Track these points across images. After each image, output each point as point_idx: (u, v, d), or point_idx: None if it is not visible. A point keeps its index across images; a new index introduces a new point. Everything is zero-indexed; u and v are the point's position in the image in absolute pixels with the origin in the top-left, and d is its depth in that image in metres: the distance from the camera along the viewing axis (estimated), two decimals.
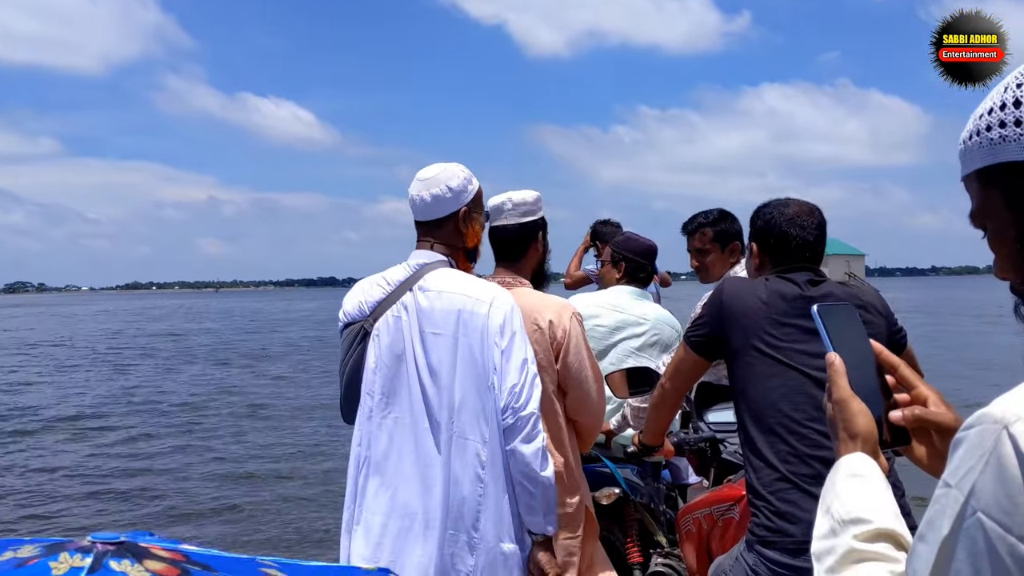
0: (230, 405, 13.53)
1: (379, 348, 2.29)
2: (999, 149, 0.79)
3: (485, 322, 2.19)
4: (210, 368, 19.78)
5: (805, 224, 2.41)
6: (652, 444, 2.82)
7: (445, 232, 2.37)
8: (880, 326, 2.33)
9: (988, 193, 0.83)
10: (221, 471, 8.87)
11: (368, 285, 2.39)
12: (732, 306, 2.31)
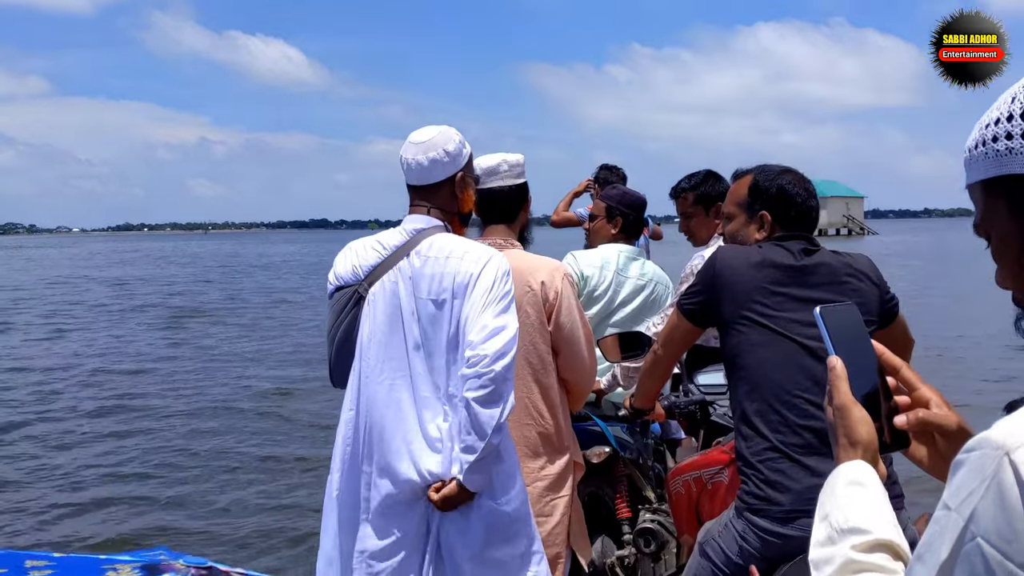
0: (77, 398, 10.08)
1: (375, 313, 2.30)
2: (1005, 161, 0.81)
3: (475, 281, 2.21)
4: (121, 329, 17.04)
5: (814, 192, 2.47)
6: (643, 407, 2.89)
7: (441, 197, 2.37)
8: (872, 295, 2.36)
9: (993, 204, 0.84)
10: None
11: (362, 248, 2.38)
12: (724, 275, 2.33)
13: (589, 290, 3.47)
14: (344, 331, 2.34)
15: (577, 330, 2.71)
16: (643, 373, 2.76)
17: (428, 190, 2.37)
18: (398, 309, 2.28)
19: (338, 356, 2.38)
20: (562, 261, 3.40)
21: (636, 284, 3.56)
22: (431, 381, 2.25)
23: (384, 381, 2.27)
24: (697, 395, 3.30)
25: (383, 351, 2.28)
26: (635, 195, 3.76)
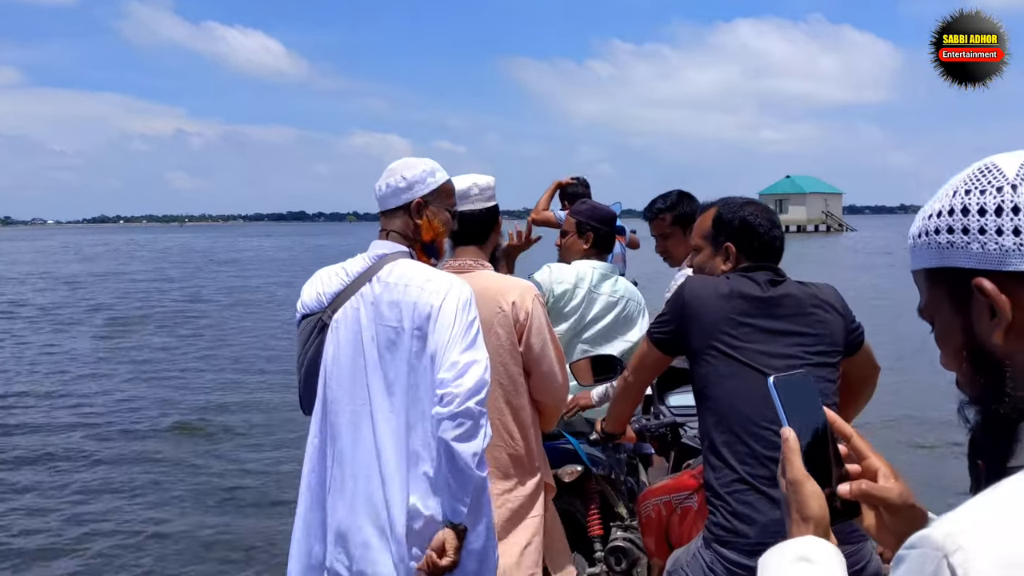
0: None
1: (337, 340, 2.32)
2: (947, 254, 0.85)
3: (437, 314, 2.21)
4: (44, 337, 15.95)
5: (777, 223, 2.54)
6: (615, 431, 2.92)
7: (399, 222, 2.39)
8: (838, 325, 2.41)
9: (937, 293, 0.88)
10: None
11: (327, 275, 2.41)
12: (693, 305, 2.38)
13: (560, 306, 3.48)
14: (310, 359, 2.37)
15: (548, 350, 2.74)
16: (614, 399, 2.81)
17: (387, 215, 2.41)
18: (359, 335, 2.30)
19: (306, 384, 2.41)
20: (538, 272, 3.51)
21: (608, 301, 3.56)
22: (390, 407, 2.26)
23: (346, 408, 2.30)
24: (668, 417, 3.34)
25: (345, 378, 2.31)
26: (605, 209, 3.76)
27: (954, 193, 0.86)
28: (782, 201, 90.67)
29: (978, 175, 0.85)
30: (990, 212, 0.82)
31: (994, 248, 0.82)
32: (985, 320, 0.83)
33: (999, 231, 0.81)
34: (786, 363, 2.26)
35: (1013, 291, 0.81)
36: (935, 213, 0.87)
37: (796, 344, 2.34)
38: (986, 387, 0.85)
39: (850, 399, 2.65)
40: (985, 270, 0.82)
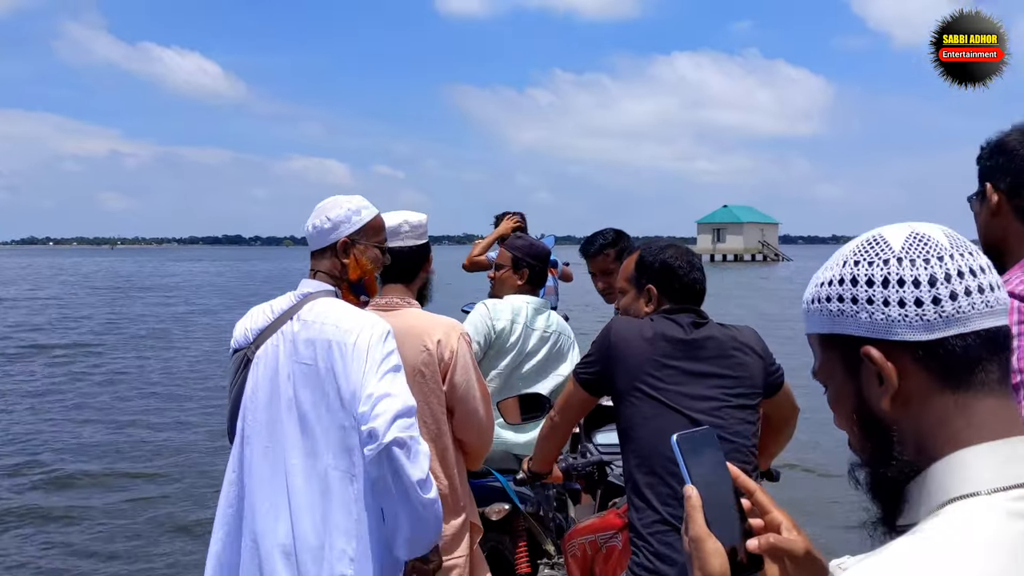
0: None
1: (256, 377, 2.36)
2: (838, 321, 0.89)
3: (350, 352, 2.22)
4: None
5: (697, 266, 2.60)
6: (541, 471, 2.92)
7: (325, 262, 2.42)
8: (757, 367, 2.48)
9: (829, 357, 0.92)
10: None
11: (257, 312, 2.46)
12: (619, 347, 2.44)
13: (500, 341, 3.51)
14: (236, 394, 2.41)
15: (473, 390, 2.74)
16: (540, 439, 2.83)
17: (316, 255, 2.44)
18: (277, 372, 2.33)
19: (231, 416, 2.44)
20: (475, 311, 3.55)
21: (542, 335, 3.61)
22: (304, 445, 2.27)
23: (260, 444, 2.33)
24: (595, 455, 3.37)
25: (262, 413, 2.34)
26: (540, 246, 3.81)
27: (844, 263, 0.89)
28: (720, 230, 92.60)
29: (867, 246, 0.89)
30: (877, 283, 0.86)
31: (881, 318, 0.85)
32: (874, 387, 0.87)
33: (886, 302, 0.85)
34: (707, 405, 2.37)
35: (899, 359, 0.85)
36: (827, 281, 0.91)
37: (717, 386, 2.40)
38: (875, 451, 0.88)
39: (770, 439, 2.74)
40: (873, 338, 0.86)
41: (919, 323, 0.84)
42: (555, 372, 3.59)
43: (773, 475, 3.05)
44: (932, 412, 0.84)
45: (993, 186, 1.75)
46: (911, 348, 0.84)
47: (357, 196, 2.48)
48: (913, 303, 0.84)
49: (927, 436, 0.84)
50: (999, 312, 0.85)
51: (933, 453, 0.84)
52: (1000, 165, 1.74)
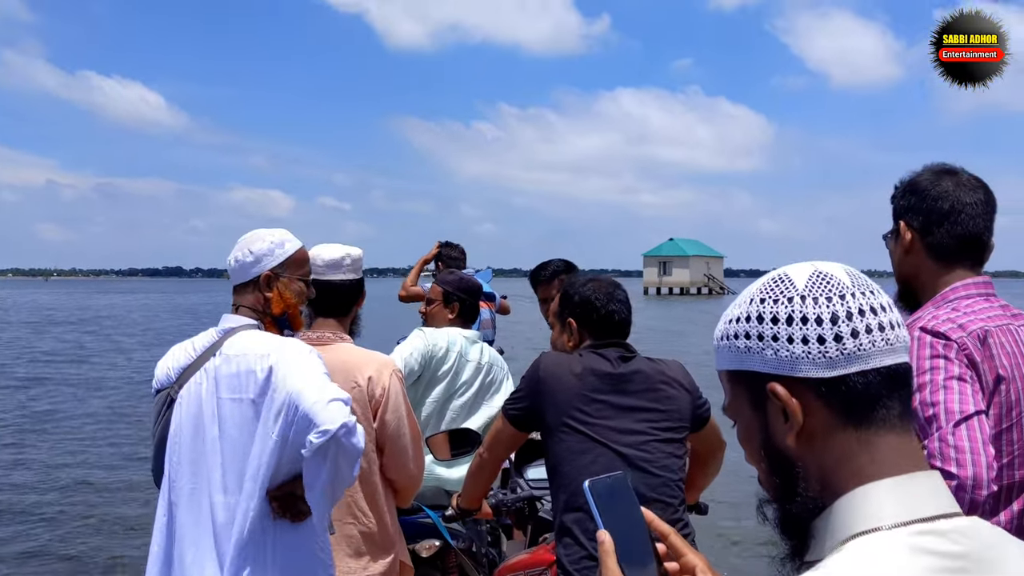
0: None
1: (180, 416, 2.32)
2: (744, 357, 0.90)
3: (269, 376, 2.20)
4: None
5: (618, 298, 2.63)
6: (470, 508, 2.91)
7: (247, 296, 2.40)
8: (685, 401, 2.52)
9: (737, 392, 0.94)
10: None
11: (178, 351, 2.42)
12: (548, 382, 2.46)
13: (434, 368, 3.55)
14: (160, 435, 2.38)
15: (403, 427, 2.71)
16: (468, 475, 2.83)
17: (237, 289, 2.42)
18: (200, 410, 2.30)
19: (156, 459, 2.41)
20: (412, 336, 3.59)
21: (476, 366, 3.65)
22: (228, 484, 2.24)
23: (186, 485, 2.29)
24: (525, 491, 3.38)
25: (186, 454, 2.31)
26: (471, 281, 3.90)
27: (751, 300, 0.91)
28: (665, 263, 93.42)
29: (772, 285, 0.90)
30: (782, 321, 0.87)
31: (786, 355, 0.86)
32: (779, 423, 0.88)
33: (790, 339, 0.86)
34: (634, 439, 2.40)
35: (803, 396, 0.86)
36: (735, 318, 0.92)
37: (644, 420, 2.43)
38: (781, 487, 0.89)
39: (698, 473, 2.78)
40: (778, 375, 0.87)
41: (822, 360, 0.85)
42: (487, 404, 3.63)
43: (701, 508, 3.07)
44: (835, 448, 0.86)
45: (906, 224, 1.83)
46: (814, 385, 0.86)
47: (280, 229, 2.46)
48: (816, 340, 0.85)
49: (831, 472, 0.86)
50: (899, 350, 0.87)
51: (837, 489, 0.85)
52: (912, 205, 1.82)
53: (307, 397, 2.11)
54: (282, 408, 2.15)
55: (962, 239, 1.79)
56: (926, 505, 0.82)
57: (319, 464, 2.08)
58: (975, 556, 0.79)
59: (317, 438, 2.05)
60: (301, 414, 2.11)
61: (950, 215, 1.79)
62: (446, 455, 3.18)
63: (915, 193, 1.83)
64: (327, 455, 2.06)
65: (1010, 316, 1.80)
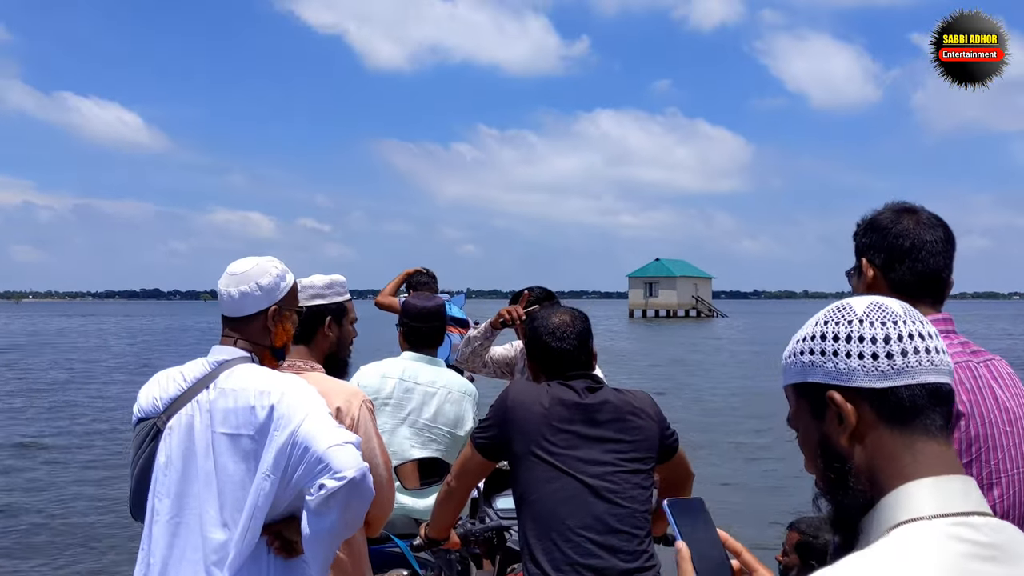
0: None
1: (169, 448, 2.30)
2: (808, 371, 1.06)
3: (271, 414, 2.19)
4: None
5: (565, 335, 2.67)
6: (438, 538, 2.92)
7: (251, 329, 2.39)
8: (652, 431, 2.56)
9: (800, 404, 1.09)
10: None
11: (165, 379, 2.39)
12: (516, 411, 2.51)
13: (376, 400, 3.54)
14: (142, 466, 2.35)
15: (375, 458, 2.66)
16: (437, 504, 2.86)
17: (239, 322, 2.40)
18: (192, 443, 2.28)
19: (136, 490, 2.38)
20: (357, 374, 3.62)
21: (426, 391, 3.63)
22: (218, 519, 2.22)
23: (172, 520, 2.27)
24: (494, 520, 3.43)
25: (174, 487, 2.28)
26: (415, 305, 3.88)
27: (816, 323, 1.08)
28: (652, 284, 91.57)
29: (835, 311, 1.07)
30: (841, 339, 1.04)
31: (843, 367, 1.03)
32: (835, 426, 1.03)
33: (848, 355, 1.03)
34: (601, 469, 2.44)
35: (857, 403, 1.02)
36: (801, 339, 1.09)
37: (611, 451, 2.47)
38: (834, 481, 1.04)
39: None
40: (836, 385, 1.03)
41: (874, 373, 1.01)
42: (449, 430, 3.61)
43: (669, 539, 3.03)
44: (883, 449, 1.01)
45: (868, 261, 1.90)
46: (867, 394, 1.01)
47: (273, 259, 2.46)
48: (870, 356, 1.01)
49: (878, 470, 1.00)
50: (943, 372, 1.02)
51: (883, 486, 0.99)
52: (874, 242, 1.90)
53: (320, 440, 2.12)
54: (286, 448, 2.15)
55: (922, 276, 1.86)
56: (962, 502, 0.95)
57: (328, 509, 2.08)
58: (1004, 547, 0.91)
59: (333, 482, 2.06)
60: (313, 456, 2.11)
61: (911, 252, 1.85)
62: (415, 484, 3.21)
63: (876, 231, 1.90)
64: (339, 500, 2.07)
65: (969, 353, 1.85)
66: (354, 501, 2.11)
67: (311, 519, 2.11)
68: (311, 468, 2.11)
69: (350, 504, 2.10)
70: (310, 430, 2.14)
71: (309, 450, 2.12)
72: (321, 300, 2.79)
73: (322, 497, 2.07)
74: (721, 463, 11.47)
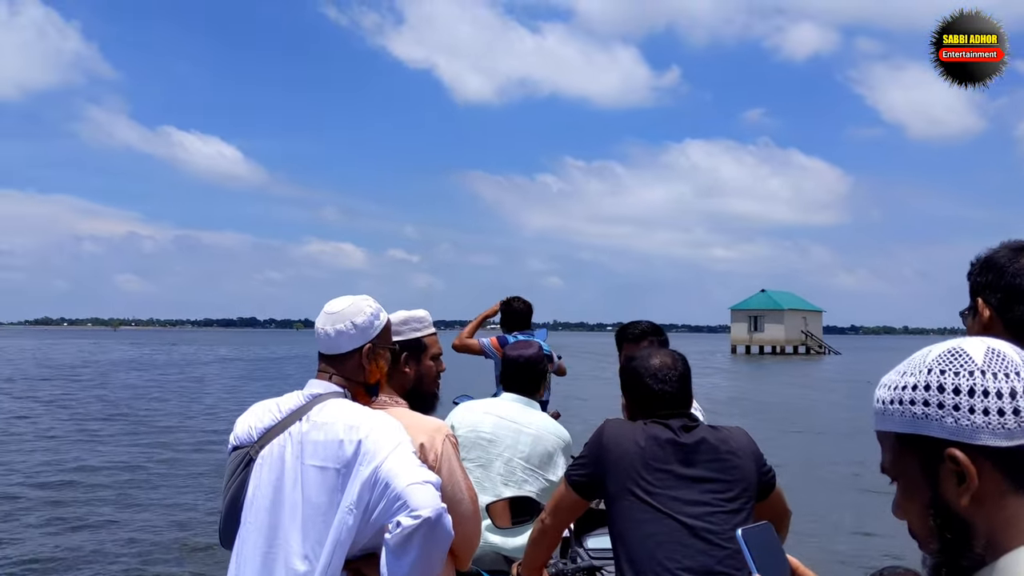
0: None
1: (260, 477, 2.39)
2: (921, 424, 1.01)
3: (358, 449, 2.27)
4: None
5: (668, 377, 2.71)
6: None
7: (347, 367, 2.49)
8: (750, 469, 2.58)
9: (905, 455, 1.04)
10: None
11: (261, 410, 2.50)
12: (611, 449, 2.56)
13: (471, 436, 3.67)
14: (233, 493, 2.44)
15: (459, 492, 2.73)
16: (530, 543, 2.89)
17: (335, 359, 2.50)
18: (282, 474, 2.36)
19: (227, 518, 2.46)
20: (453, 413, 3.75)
21: (521, 430, 3.70)
22: (305, 552, 2.28)
23: (260, 548, 2.34)
24: (585, 560, 3.45)
25: (263, 516, 2.36)
26: (511, 358, 3.95)
27: (929, 371, 1.02)
28: (757, 318, 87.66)
29: (950, 357, 1.02)
30: (964, 392, 0.99)
31: (967, 424, 0.98)
32: (952, 485, 0.99)
33: (971, 410, 0.98)
34: (700, 510, 2.46)
35: (979, 462, 0.97)
36: (909, 386, 1.03)
37: (709, 491, 2.49)
38: (952, 542, 0.99)
39: None
40: (956, 441, 0.98)
41: (1001, 431, 0.97)
42: (541, 472, 3.67)
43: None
44: (1005, 511, 0.97)
45: (984, 301, 1.88)
46: (990, 453, 0.97)
47: (368, 298, 2.57)
48: (996, 412, 0.97)
49: (998, 532, 0.97)
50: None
51: (1003, 547, 0.96)
52: (990, 282, 1.87)
53: (400, 477, 2.18)
54: (369, 483, 2.21)
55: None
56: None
57: (406, 549, 2.13)
58: None
59: (410, 520, 2.12)
60: (393, 493, 2.17)
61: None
62: (507, 523, 3.27)
63: (992, 270, 1.87)
64: (416, 540, 2.12)
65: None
66: (431, 542, 2.14)
67: (389, 558, 2.15)
68: (390, 505, 2.17)
69: (427, 545, 2.14)
70: (392, 467, 2.21)
71: (389, 487, 2.18)
72: (398, 337, 2.85)
73: (400, 536, 2.12)
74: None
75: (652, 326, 4.22)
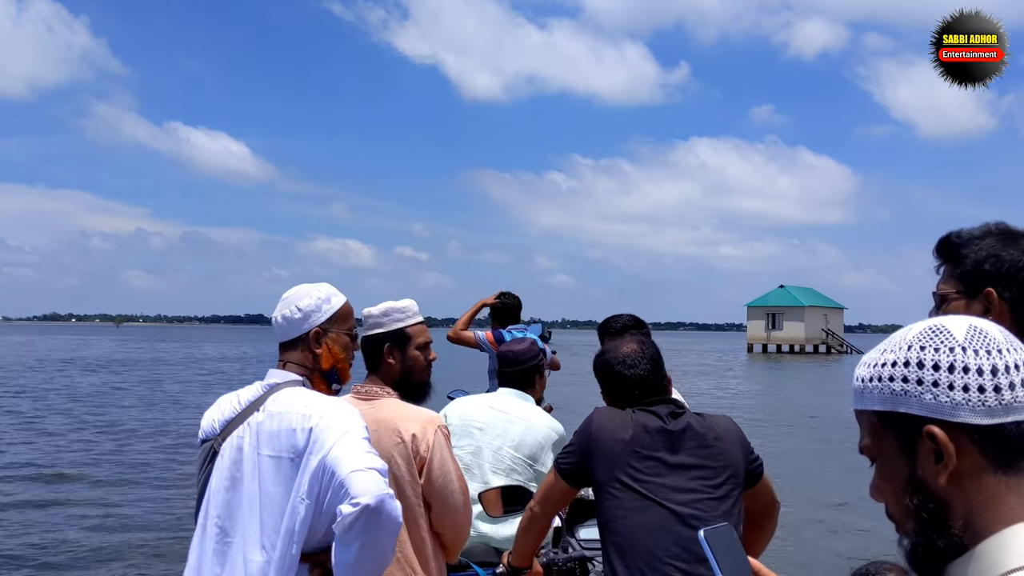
0: None
1: (220, 469, 2.43)
2: (900, 400, 1.01)
3: (309, 437, 2.29)
4: None
5: (637, 362, 2.78)
6: (521, 566, 3.01)
7: (298, 353, 2.53)
8: (737, 457, 2.63)
9: (884, 434, 1.04)
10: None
11: (225, 402, 2.55)
12: (599, 437, 2.61)
13: (464, 427, 3.76)
14: (202, 485, 2.49)
15: (451, 483, 2.83)
16: (519, 531, 2.96)
17: (286, 346, 2.56)
18: (240, 464, 2.40)
19: (198, 511, 2.50)
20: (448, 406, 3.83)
21: (512, 419, 3.80)
22: (260, 543, 2.33)
23: (219, 538, 2.39)
24: (577, 551, 3.53)
25: (221, 507, 2.41)
26: (504, 354, 4.10)
27: (909, 347, 1.02)
28: (775, 315, 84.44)
29: (931, 334, 1.01)
30: (943, 369, 0.98)
31: (946, 400, 0.98)
32: (930, 463, 0.98)
33: (951, 386, 0.98)
34: (688, 496, 2.50)
35: (958, 440, 0.97)
36: (888, 362, 1.03)
37: (697, 478, 2.54)
38: (927, 523, 0.99)
39: (754, 535, 2.82)
40: (935, 419, 0.98)
41: (981, 408, 0.96)
42: (531, 462, 3.74)
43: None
44: (984, 491, 0.96)
45: (997, 293, 1.86)
46: (970, 430, 0.97)
47: (324, 284, 2.62)
48: (976, 389, 0.96)
49: (977, 513, 0.96)
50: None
51: (982, 530, 0.95)
52: (1005, 273, 1.85)
53: (344, 465, 2.19)
54: (318, 472, 2.24)
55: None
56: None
57: (349, 538, 2.13)
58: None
59: (350, 508, 2.11)
60: (336, 481, 2.18)
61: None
62: (498, 512, 3.32)
63: (1006, 261, 1.85)
64: (356, 528, 2.11)
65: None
66: (374, 529, 2.12)
67: (336, 548, 2.17)
68: (336, 493, 2.18)
69: (370, 532, 2.12)
70: (338, 454, 2.21)
71: (335, 475, 2.19)
72: (380, 329, 2.95)
73: (342, 524, 2.11)
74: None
75: (634, 319, 4.32)
